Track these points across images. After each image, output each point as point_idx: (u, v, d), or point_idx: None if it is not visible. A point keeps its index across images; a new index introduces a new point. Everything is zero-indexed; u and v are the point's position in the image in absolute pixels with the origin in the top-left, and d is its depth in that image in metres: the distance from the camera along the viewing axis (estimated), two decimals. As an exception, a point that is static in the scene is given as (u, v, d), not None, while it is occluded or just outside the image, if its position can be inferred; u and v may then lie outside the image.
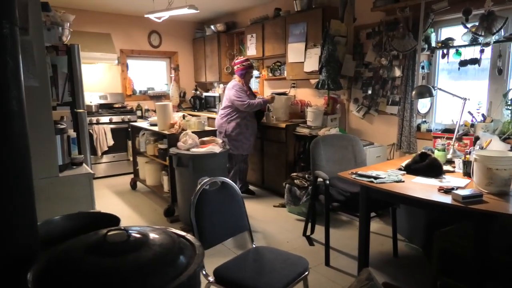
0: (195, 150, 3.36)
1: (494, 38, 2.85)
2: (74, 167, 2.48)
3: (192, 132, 3.60)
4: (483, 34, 2.83)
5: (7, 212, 1.07)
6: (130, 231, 1.00)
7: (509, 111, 2.92)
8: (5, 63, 0.99)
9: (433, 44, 3.37)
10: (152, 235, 1.02)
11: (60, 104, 2.89)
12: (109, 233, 0.97)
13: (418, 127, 3.60)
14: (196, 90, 6.63)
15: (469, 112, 3.16)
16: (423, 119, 3.64)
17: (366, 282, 1.51)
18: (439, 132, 3.24)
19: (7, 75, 1.00)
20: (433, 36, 3.37)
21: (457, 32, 3.18)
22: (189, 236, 1.12)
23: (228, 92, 4.21)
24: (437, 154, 2.58)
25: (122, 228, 1.02)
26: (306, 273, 1.88)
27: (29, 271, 0.98)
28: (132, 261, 0.91)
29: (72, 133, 2.58)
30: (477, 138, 2.95)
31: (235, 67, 4.29)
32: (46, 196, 2.12)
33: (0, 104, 0.99)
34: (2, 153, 1.03)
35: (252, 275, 1.78)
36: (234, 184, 2.15)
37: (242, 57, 4.61)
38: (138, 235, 1.00)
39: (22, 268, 1.02)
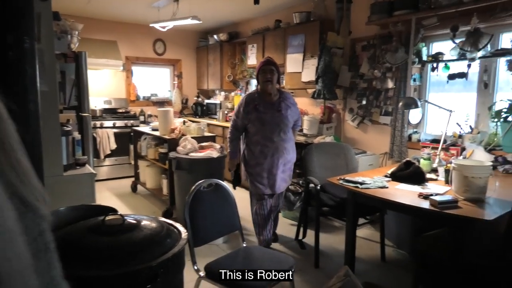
0: (194, 155, 3.50)
1: (480, 53, 2.99)
2: (78, 167, 2.63)
3: (192, 138, 3.75)
4: (469, 49, 2.98)
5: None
6: (125, 217, 1.14)
7: (494, 123, 3.05)
8: (24, 71, 1.15)
9: (424, 58, 3.51)
10: (144, 222, 1.16)
11: (66, 108, 3.05)
12: (107, 218, 1.12)
13: (409, 137, 3.73)
14: (198, 97, 6.80)
15: (457, 124, 3.29)
16: (414, 130, 3.77)
17: (343, 278, 1.63)
18: (428, 142, 3.36)
19: (26, 81, 1.16)
20: (424, 50, 3.52)
21: (446, 47, 3.32)
22: (177, 225, 1.26)
23: None
24: (423, 163, 2.71)
25: (119, 214, 1.16)
26: (292, 270, 2.00)
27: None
28: (126, 239, 1.05)
29: (77, 135, 2.74)
30: (464, 149, 3.08)
31: None
32: (51, 193, 2.26)
33: (21, 105, 1.15)
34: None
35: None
36: (227, 186, 2.28)
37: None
38: (132, 221, 1.14)
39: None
